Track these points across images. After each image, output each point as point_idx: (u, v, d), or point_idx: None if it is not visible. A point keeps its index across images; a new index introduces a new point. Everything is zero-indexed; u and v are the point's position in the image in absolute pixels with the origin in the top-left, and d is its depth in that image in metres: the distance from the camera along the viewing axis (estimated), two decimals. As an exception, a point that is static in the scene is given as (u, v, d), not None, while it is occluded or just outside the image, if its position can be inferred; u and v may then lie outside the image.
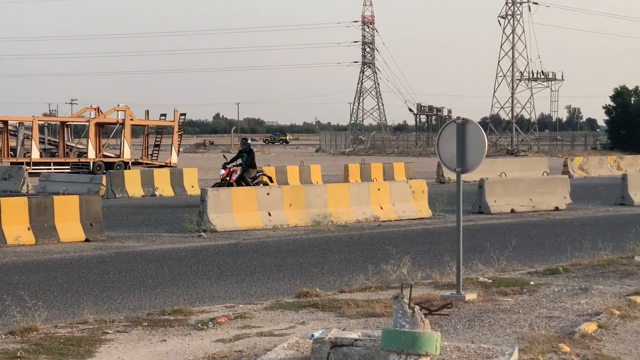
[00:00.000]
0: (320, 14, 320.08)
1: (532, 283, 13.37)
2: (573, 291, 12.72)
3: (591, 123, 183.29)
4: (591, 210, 26.58)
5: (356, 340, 7.44)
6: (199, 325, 10.67)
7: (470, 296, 12.21)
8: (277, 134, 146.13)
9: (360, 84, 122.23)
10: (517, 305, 11.65)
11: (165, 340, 9.96)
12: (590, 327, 10.10)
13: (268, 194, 22.25)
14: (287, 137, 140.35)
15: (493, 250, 15.70)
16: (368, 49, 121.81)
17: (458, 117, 12.56)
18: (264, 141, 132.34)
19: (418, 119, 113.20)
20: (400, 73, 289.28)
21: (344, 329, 8.55)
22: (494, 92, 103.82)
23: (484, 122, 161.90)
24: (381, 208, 23.72)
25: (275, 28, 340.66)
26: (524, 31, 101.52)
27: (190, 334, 10.30)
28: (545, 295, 12.47)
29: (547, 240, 19.80)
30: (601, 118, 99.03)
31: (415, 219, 23.94)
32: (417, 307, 6.66)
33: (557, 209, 26.37)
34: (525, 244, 18.24)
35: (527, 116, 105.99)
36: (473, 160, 12.39)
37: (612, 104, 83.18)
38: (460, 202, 12.79)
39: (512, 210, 25.69)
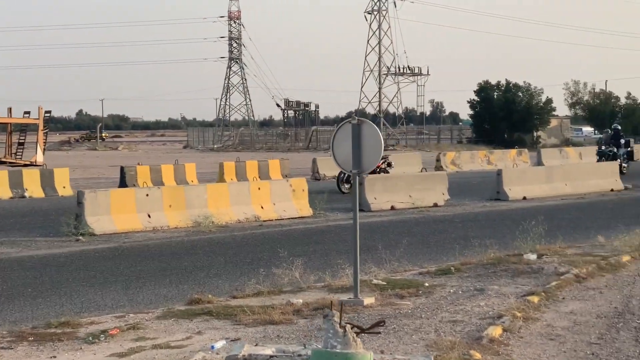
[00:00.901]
0: (187, 9, 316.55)
1: (426, 284, 13.22)
2: (469, 292, 12.62)
3: (454, 117, 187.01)
4: (469, 206, 26.81)
5: (272, 357, 7.06)
6: (90, 338, 10.09)
7: (368, 300, 11.97)
8: (93, 131, 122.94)
9: (227, 79, 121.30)
10: (418, 309, 11.45)
11: (55, 357, 9.37)
12: (496, 331, 9.97)
13: (147, 195, 21.60)
14: (104, 135, 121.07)
15: (382, 250, 15.56)
16: (235, 45, 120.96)
17: (353, 117, 12.30)
18: (77, 140, 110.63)
19: (285, 114, 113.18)
20: (267, 68, 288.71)
21: (256, 344, 8.14)
22: (362, 87, 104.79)
23: (349, 117, 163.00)
24: (262, 207, 23.36)
25: (141, 23, 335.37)
26: (390, 26, 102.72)
27: (81, 348, 9.73)
28: (442, 297, 12.32)
29: (431, 237, 19.78)
30: (464, 112, 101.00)
31: (296, 218, 23.66)
32: (348, 326, 6.33)
33: (435, 205, 26.52)
34: (411, 243, 18.14)
35: (393, 110, 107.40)
36: (369, 161, 12.15)
37: (476, 98, 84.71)
38: (357, 203, 12.53)
39: (392, 207, 25.69)
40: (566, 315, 11.12)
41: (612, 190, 31.00)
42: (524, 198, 28.31)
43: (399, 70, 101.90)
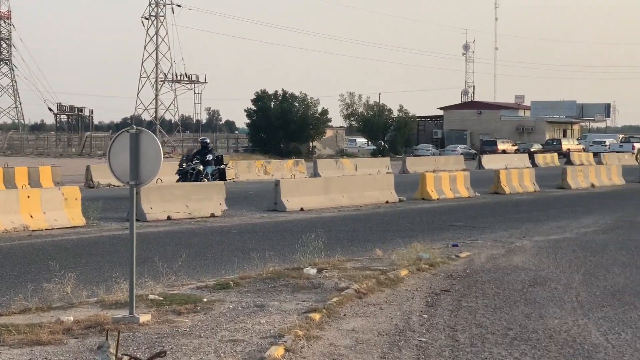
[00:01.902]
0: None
1: (205, 300, 12.74)
2: (250, 309, 12.24)
3: (230, 125, 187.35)
4: (246, 217, 26.52)
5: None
6: None
7: (144, 317, 11.37)
8: None
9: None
10: (196, 327, 10.96)
11: None
12: (278, 352, 9.64)
13: None
14: None
15: (159, 262, 14.95)
16: (4, 45, 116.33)
17: (132, 127, 11.69)
18: None
19: (58, 119, 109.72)
20: (39, 71, 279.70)
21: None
22: (138, 93, 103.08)
23: (125, 123, 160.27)
24: (31, 217, 22.16)
25: None
26: (167, 33, 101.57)
27: None
28: (222, 313, 11.88)
29: (209, 249, 19.31)
30: (241, 121, 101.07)
31: (68, 228, 22.59)
32: (126, 357, 5.78)
33: (213, 215, 26.06)
34: (188, 255, 17.57)
35: (169, 117, 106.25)
36: (148, 172, 11.58)
37: (253, 107, 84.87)
38: (134, 216, 11.94)
39: (169, 217, 25.04)
40: (348, 333, 10.94)
41: (387, 202, 31.55)
42: (302, 209, 28.31)
43: (176, 77, 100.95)
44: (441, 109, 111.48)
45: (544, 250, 19.11)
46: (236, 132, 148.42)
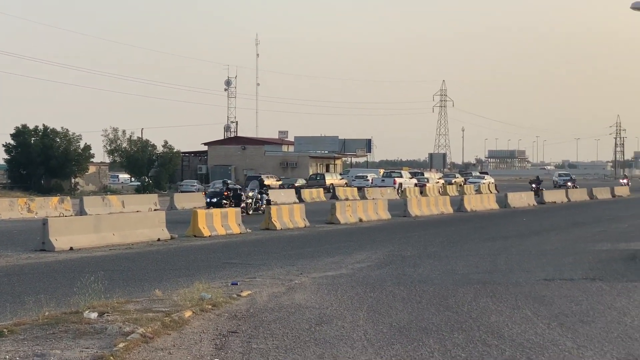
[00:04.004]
0: None
1: (-23, 351, 11.82)
2: (29, 359, 11.45)
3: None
4: (12, 258, 25.20)
5: None
6: None
7: None
8: None
9: None
10: (-27, 382, 10.11)
11: None
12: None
13: None
14: None
15: None
16: None
17: None
18: None
19: None
20: None
21: None
22: None
23: None
24: None
25: None
26: None
27: None
28: (-1, 365, 11.05)
29: (-25, 294, 18.10)
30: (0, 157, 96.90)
31: None
32: None
33: (-24, 257, 24.60)
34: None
35: None
36: None
37: (12, 142, 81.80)
38: None
39: None
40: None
41: (159, 239, 30.91)
42: (71, 248, 27.23)
43: None
44: (205, 144, 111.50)
45: (323, 287, 19.15)
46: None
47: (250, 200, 46.61)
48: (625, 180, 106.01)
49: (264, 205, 44.54)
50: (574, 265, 23.44)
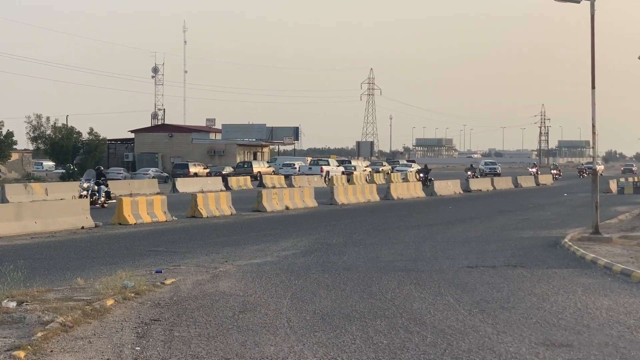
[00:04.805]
0: None
1: None
2: (-56, 348, 11.21)
3: None
4: None
5: None
6: None
7: None
8: None
9: None
10: None
11: None
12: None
13: None
14: None
15: None
16: None
17: None
18: None
19: None
20: None
21: None
22: None
23: None
24: None
25: None
26: None
27: None
28: None
29: None
30: None
31: None
32: None
33: None
34: None
35: None
36: None
37: None
38: None
39: None
40: (58, 371, 10.26)
41: (83, 227, 30.52)
42: (-8, 237, 26.75)
43: None
44: (132, 131, 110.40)
45: (248, 274, 19.10)
46: None
47: (84, 193, 41.71)
48: (534, 169, 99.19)
49: (102, 198, 42.17)
50: (497, 253, 23.73)
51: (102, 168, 47.17)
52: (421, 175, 72.59)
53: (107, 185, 43.84)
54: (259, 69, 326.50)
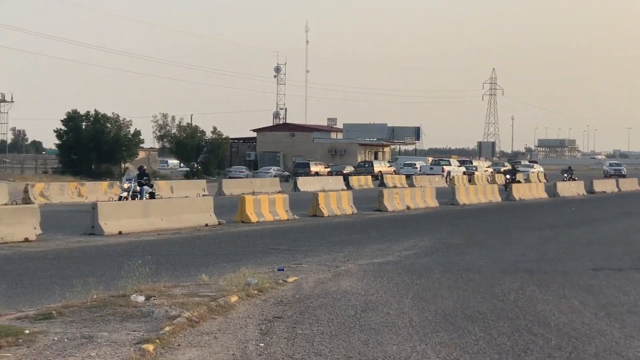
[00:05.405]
0: None
1: (27, 331, 11.95)
2: (77, 340, 11.56)
3: (37, 146, 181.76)
4: (63, 241, 25.49)
5: None
6: None
7: (-39, 353, 10.56)
8: None
9: None
10: (22, 363, 10.26)
11: None
12: (114, 387, 9.09)
13: None
14: None
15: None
16: None
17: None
18: None
19: None
20: None
21: None
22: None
23: None
24: None
25: None
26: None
27: None
28: (47, 346, 11.17)
29: (26, 276, 18.36)
30: (49, 141, 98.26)
31: None
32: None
33: (27, 240, 24.90)
34: (0, 282, 16.63)
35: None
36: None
37: (64, 128, 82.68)
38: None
39: (-22, 243, 23.75)
40: (186, 365, 10.49)
41: (207, 225, 31.08)
42: (120, 233, 27.48)
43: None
44: (254, 130, 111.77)
45: (369, 274, 19.14)
46: (44, 152, 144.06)
47: (125, 194, 37.69)
48: None
49: (145, 200, 36.48)
50: (623, 255, 23.21)
51: (145, 167, 42.21)
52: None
53: (151, 186, 39.52)
54: (380, 69, 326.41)
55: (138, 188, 37.94)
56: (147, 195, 37.90)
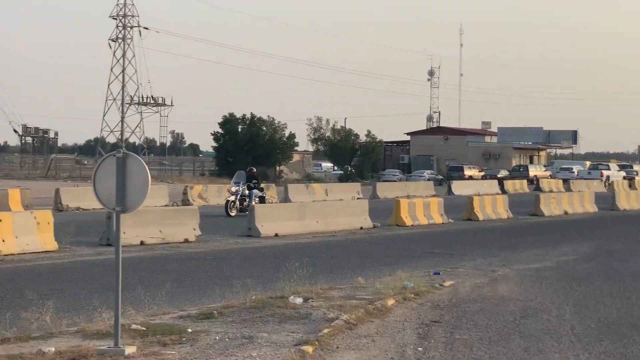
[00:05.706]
0: None
1: (190, 330, 12.25)
2: (237, 340, 11.76)
3: (194, 148, 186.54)
4: (221, 243, 26.01)
5: None
6: None
7: (129, 349, 10.88)
8: None
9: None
10: (185, 361, 10.50)
11: None
12: (275, 388, 9.20)
13: None
14: None
15: (140, 289, 14.44)
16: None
17: (118, 150, 11.26)
18: None
19: (23, 141, 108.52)
20: (4, 92, 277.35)
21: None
22: (104, 116, 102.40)
23: (88, 145, 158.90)
24: (3, 241, 21.51)
25: None
26: (134, 55, 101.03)
27: None
28: (209, 345, 11.41)
29: (187, 276, 18.82)
30: (206, 144, 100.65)
31: (40, 253, 21.98)
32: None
33: (187, 240, 25.53)
34: (165, 281, 17.05)
35: (134, 140, 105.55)
36: (135, 198, 11.14)
37: (220, 131, 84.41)
38: (119, 240, 11.47)
39: (142, 243, 24.45)
40: (345, 368, 10.53)
41: (361, 228, 31.18)
42: (276, 235, 27.86)
43: (142, 99, 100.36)
44: (408, 134, 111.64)
45: (527, 279, 18.81)
46: (200, 155, 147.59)
47: (233, 198, 36.52)
48: None
49: (254, 204, 33.03)
50: None
51: (254, 170, 39.58)
52: None
53: (261, 189, 37.68)
54: (535, 71, 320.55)
55: (247, 192, 36.59)
56: (257, 199, 36.22)
